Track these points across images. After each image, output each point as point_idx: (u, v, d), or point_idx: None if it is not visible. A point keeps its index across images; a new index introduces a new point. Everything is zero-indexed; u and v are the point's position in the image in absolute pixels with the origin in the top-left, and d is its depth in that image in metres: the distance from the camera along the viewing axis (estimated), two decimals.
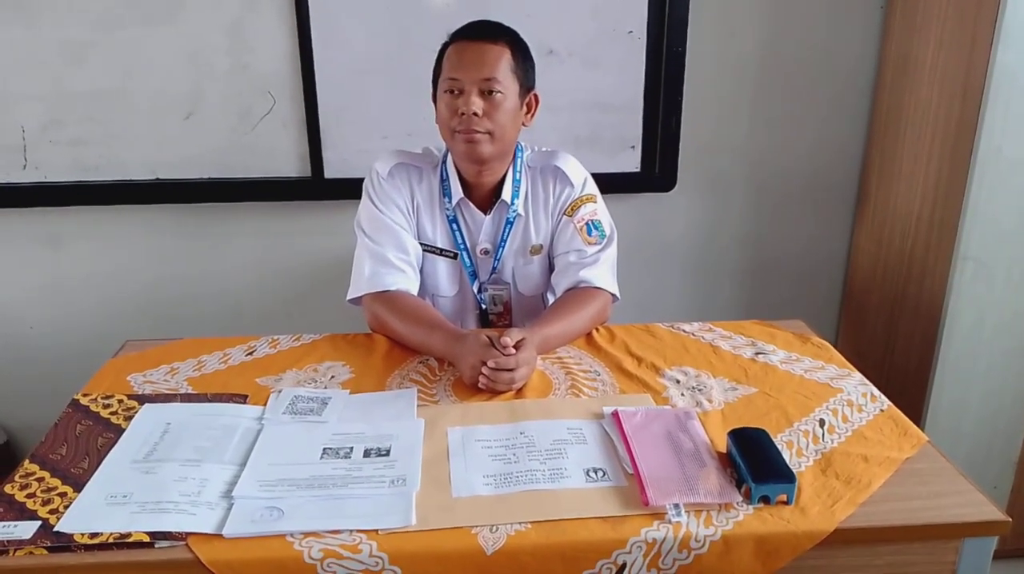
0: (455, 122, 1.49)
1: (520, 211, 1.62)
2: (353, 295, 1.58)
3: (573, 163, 1.65)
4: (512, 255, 1.65)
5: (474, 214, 1.62)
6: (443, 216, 1.62)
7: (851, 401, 1.30)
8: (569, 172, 1.63)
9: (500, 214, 1.62)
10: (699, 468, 1.09)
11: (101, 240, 2.26)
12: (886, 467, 1.13)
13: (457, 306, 1.70)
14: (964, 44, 1.84)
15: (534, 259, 1.66)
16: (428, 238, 1.63)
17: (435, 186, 1.62)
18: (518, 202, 1.61)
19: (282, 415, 1.25)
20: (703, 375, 1.38)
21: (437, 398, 1.33)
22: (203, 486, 1.07)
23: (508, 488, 1.07)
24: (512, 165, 1.60)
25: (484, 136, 1.49)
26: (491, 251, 1.64)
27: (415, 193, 1.61)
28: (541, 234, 1.65)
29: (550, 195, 1.63)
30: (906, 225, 2.09)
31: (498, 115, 1.48)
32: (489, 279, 1.67)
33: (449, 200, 1.60)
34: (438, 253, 1.64)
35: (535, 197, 1.64)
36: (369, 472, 1.10)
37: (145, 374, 1.39)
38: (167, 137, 2.13)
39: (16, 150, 2.12)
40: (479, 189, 1.61)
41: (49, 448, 1.16)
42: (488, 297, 1.68)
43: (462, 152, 1.52)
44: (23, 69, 2.06)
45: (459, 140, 1.50)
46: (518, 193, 1.61)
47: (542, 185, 1.63)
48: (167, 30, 2.05)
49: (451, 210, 1.61)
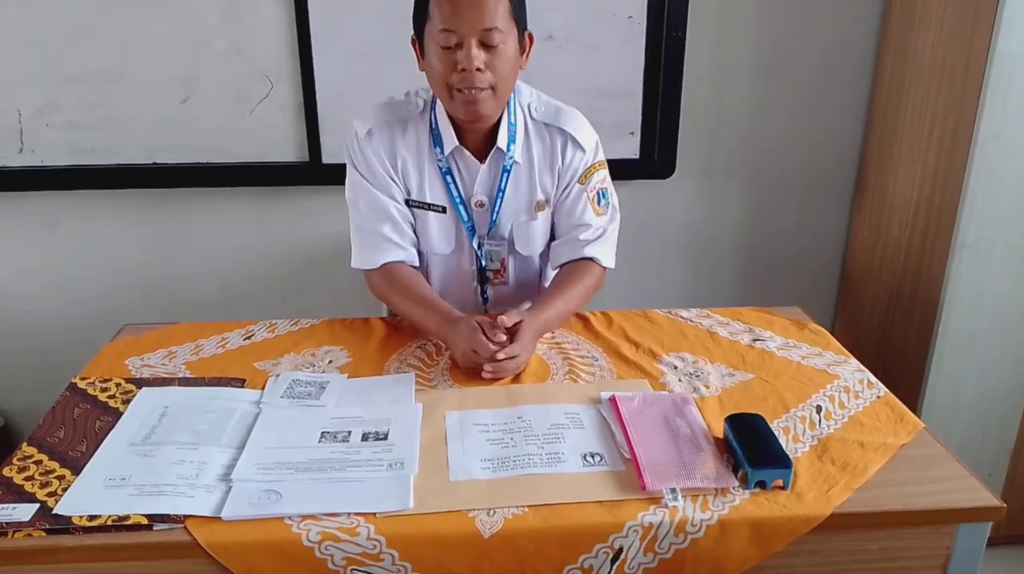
0: (455, 79, 1.37)
1: (518, 159, 1.52)
2: (354, 266, 1.57)
3: (584, 125, 1.56)
4: (513, 210, 1.55)
5: (469, 163, 1.51)
6: (435, 168, 1.51)
7: (848, 387, 1.31)
8: (581, 137, 1.53)
9: (497, 162, 1.51)
10: (696, 453, 1.10)
11: (98, 224, 2.26)
12: (882, 453, 1.13)
13: (453, 265, 1.60)
14: (964, 31, 1.83)
15: (538, 216, 1.56)
16: (417, 193, 1.53)
17: (423, 137, 1.51)
18: (515, 148, 1.50)
19: (280, 399, 1.26)
20: (700, 361, 1.38)
21: (435, 383, 1.33)
22: (201, 469, 1.07)
23: (506, 472, 1.08)
24: (507, 108, 1.48)
25: (487, 93, 1.38)
26: (487, 204, 1.54)
27: (398, 151, 1.50)
28: (546, 192, 1.56)
29: (557, 155, 1.53)
30: (904, 212, 2.09)
31: (500, 66, 1.37)
32: (488, 234, 1.57)
33: (441, 151, 1.50)
34: (426, 208, 1.54)
35: (542, 152, 1.53)
36: (367, 456, 1.11)
37: (143, 358, 1.39)
38: (164, 121, 2.12)
39: (12, 133, 2.11)
40: (474, 135, 1.49)
41: (47, 431, 1.17)
42: (485, 253, 1.58)
43: (462, 111, 1.41)
44: (19, 52, 2.04)
45: (459, 100, 1.39)
46: (514, 138, 1.50)
47: (550, 143, 1.53)
48: (164, 13, 2.03)
49: (444, 161, 1.50)
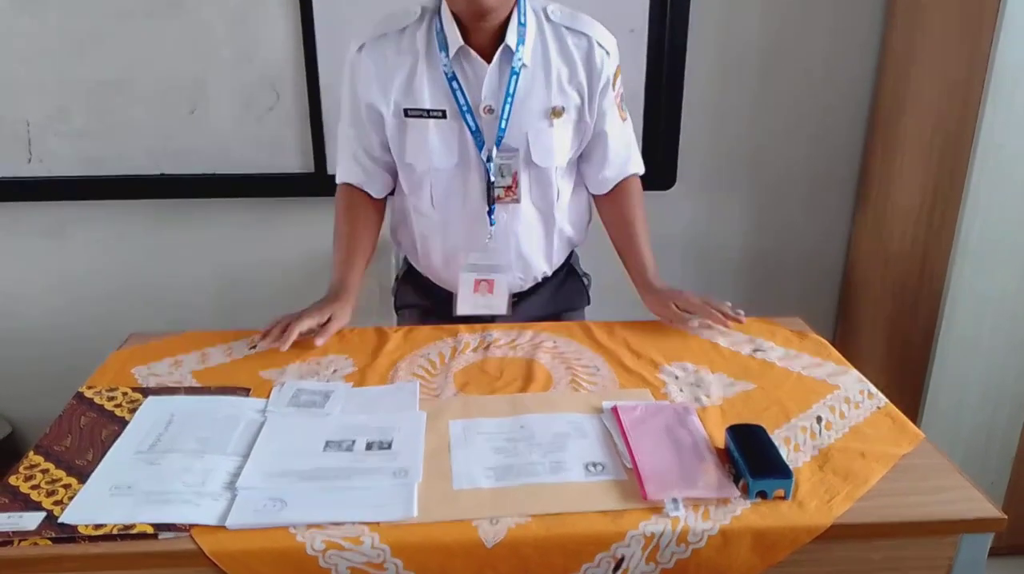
0: None
1: (526, 61, 1.44)
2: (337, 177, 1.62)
3: (601, 27, 1.51)
4: (525, 117, 1.47)
5: (476, 65, 1.44)
6: (439, 74, 1.44)
7: (848, 398, 1.31)
8: (604, 40, 1.49)
9: (506, 63, 1.44)
10: (697, 463, 1.11)
11: (105, 233, 2.28)
12: (883, 463, 1.14)
13: (458, 183, 1.52)
14: (965, 39, 1.84)
15: (555, 124, 1.49)
16: (417, 102, 1.46)
17: (423, 42, 1.45)
18: (523, 50, 1.43)
19: (285, 407, 1.26)
20: (702, 371, 1.39)
21: (439, 391, 1.33)
22: (207, 477, 1.08)
23: (509, 481, 1.08)
24: (516, 7, 1.42)
25: None
26: (495, 109, 1.46)
27: (392, 62, 1.45)
28: (564, 96, 1.48)
29: (579, 61, 1.47)
30: (906, 220, 2.10)
31: None
32: (498, 145, 1.48)
33: (446, 54, 1.42)
34: (425, 115, 1.46)
35: (561, 55, 1.47)
36: (371, 464, 1.11)
37: (149, 366, 1.40)
38: (171, 131, 2.15)
39: (20, 143, 2.14)
40: (481, 35, 1.42)
41: (54, 440, 1.17)
42: (495, 167, 1.49)
43: (463, 8, 1.36)
44: (28, 61, 2.07)
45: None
46: (524, 39, 1.43)
47: (571, 46, 1.47)
48: (171, 23, 2.06)
49: (448, 66, 1.43)
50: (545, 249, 1.64)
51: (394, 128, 1.49)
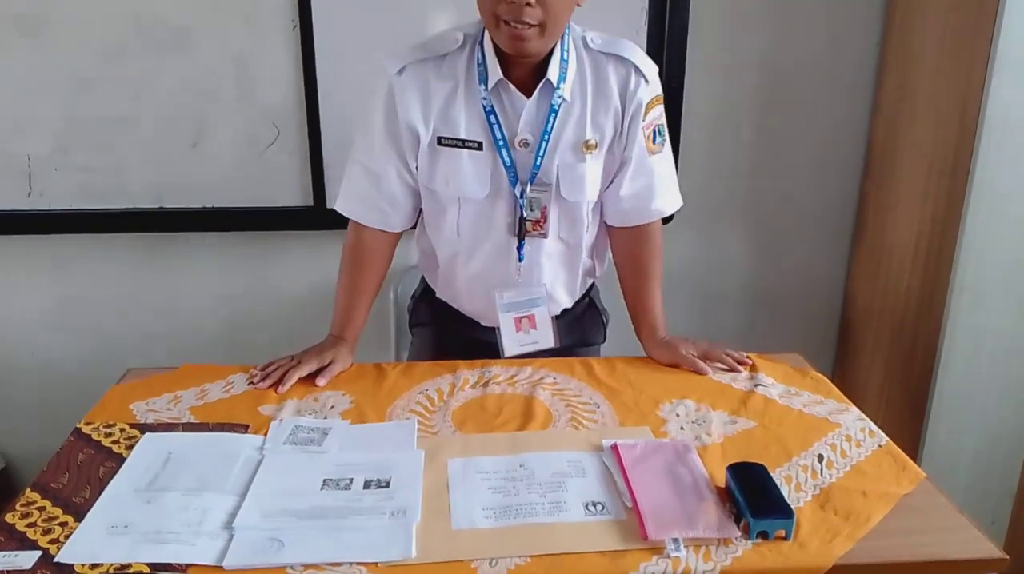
0: (502, 9, 1.27)
1: (567, 97, 1.42)
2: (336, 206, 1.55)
3: (641, 53, 1.46)
4: (558, 151, 1.44)
5: (515, 98, 1.41)
6: (477, 105, 1.41)
7: (849, 436, 1.31)
8: (644, 66, 1.44)
9: (545, 98, 1.41)
10: (698, 502, 1.10)
11: (104, 267, 2.28)
12: (885, 503, 1.13)
13: (487, 213, 1.49)
14: (959, 78, 1.87)
15: (586, 158, 1.45)
16: (453, 131, 1.43)
17: (463, 71, 1.41)
18: (564, 86, 1.41)
19: (283, 445, 1.26)
20: (703, 408, 1.39)
21: (437, 429, 1.33)
22: (204, 516, 1.07)
23: (508, 521, 1.08)
24: (559, 42, 1.39)
25: (534, 30, 1.29)
26: (532, 143, 1.43)
27: (432, 88, 1.42)
28: (598, 129, 1.45)
29: (614, 88, 1.44)
30: (902, 256, 2.11)
31: (554, 4, 1.28)
32: (532, 180, 1.45)
33: (486, 87, 1.40)
34: (460, 145, 1.43)
35: (596, 85, 1.43)
36: (369, 503, 1.11)
37: (148, 402, 1.40)
38: (173, 165, 2.16)
39: (21, 177, 2.14)
40: (521, 68, 1.39)
41: (51, 477, 1.17)
42: (527, 200, 1.46)
43: (506, 44, 1.33)
44: (30, 96, 2.08)
45: (504, 32, 1.30)
46: (565, 76, 1.41)
47: (604, 73, 1.43)
48: (174, 59, 2.07)
49: (487, 99, 1.40)
50: (568, 283, 1.61)
51: (426, 154, 1.46)
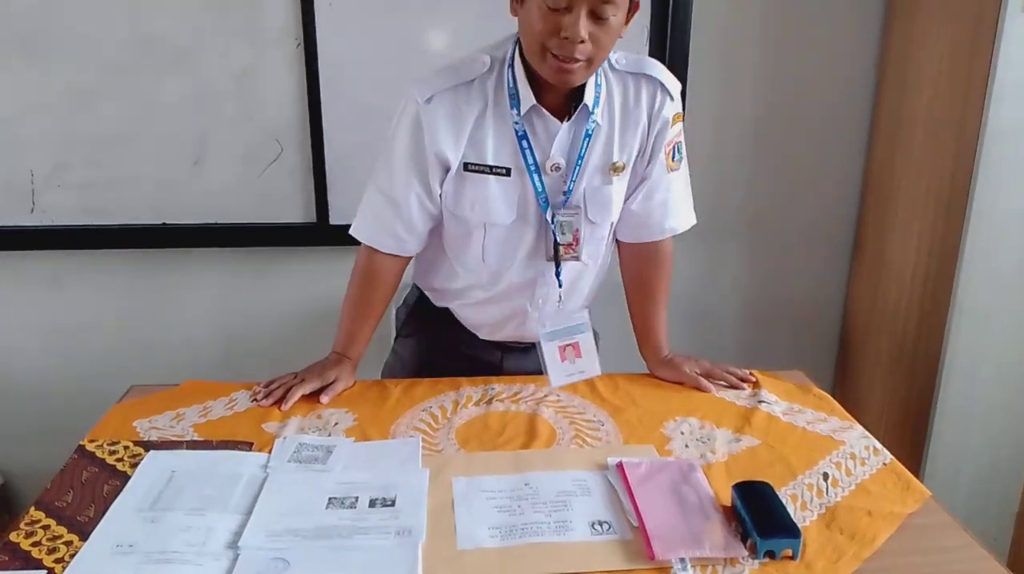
0: (553, 43, 1.25)
1: (600, 121, 1.40)
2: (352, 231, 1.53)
3: (666, 70, 1.44)
4: (588, 174, 1.42)
5: (548, 123, 1.38)
6: (508, 131, 1.38)
7: (854, 454, 1.31)
8: (669, 83, 1.43)
9: (580, 123, 1.39)
10: (704, 521, 1.10)
11: (105, 283, 2.28)
12: (890, 522, 1.13)
13: (513, 239, 1.46)
14: (958, 98, 1.88)
15: (613, 180, 1.44)
16: (480, 156, 1.40)
17: (490, 96, 1.38)
18: (598, 111, 1.39)
19: (287, 463, 1.25)
20: (707, 426, 1.39)
21: (441, 447, 1.33)
22: (208, 536, 1.07)
23: (513, 540, 1.07)
24: None
25: (582, 65, 1.27)
26: (563, 167, 1.41)
27: (463, 119, 1.38)
28: (625, 151, 1.43)
29: (641, 107, 1.42)
30: (902, 277, 2.12)
31: (605, 40, 1.26)
32: (563, 203, 1.43)
33: (518, 112, 1.37)
34: (488, 171, 1.40)
35: (623, 105, 1.42)
36: (374, 522, 1.10)
37: (151, 420, 1.39)
38: (175, 182, 2.17)
39: (24, 194, 2.15)
40: (555, 93, 1.37)
41: (55, 495, 1.16)
42: (558, 224, 1.43)
43: (550, 76, 1.30)
44: (33, 113, 2.10)
45: (551, 64, 1.27)
46: (599, 99, 1.39)
47: (633, 91, 1.42)
48: (176, 76, 2.09)
49: (520, 124, 1.37)
50: (583, 301, 1.60)
51: (452, 180, 1.43)
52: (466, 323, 1.65)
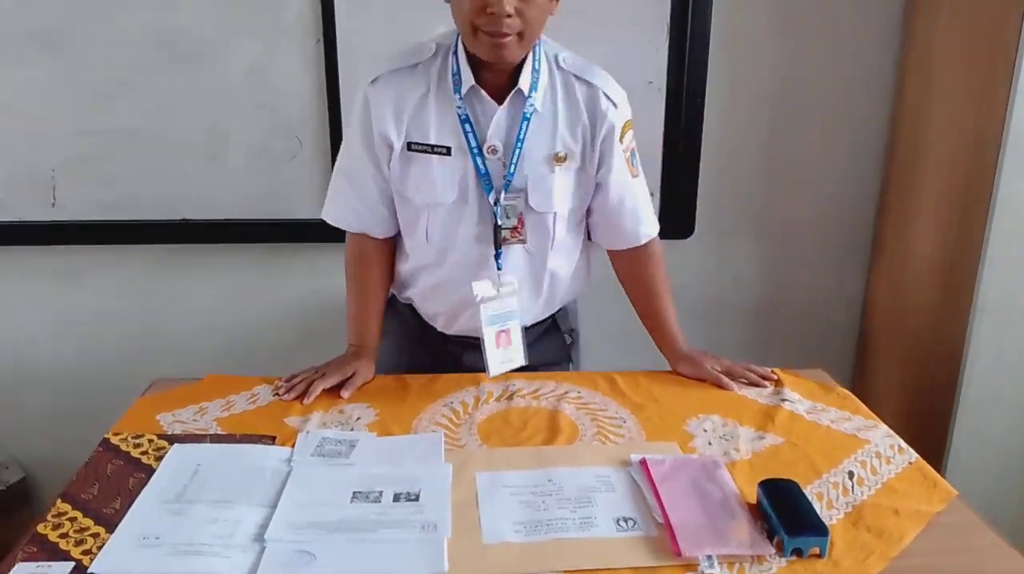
0: (481, 20, 1.30)
1: (538, 107, 1.44)
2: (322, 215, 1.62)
3: (611, 80, 1.50)
4: (528, 162, 1.46)
5: (487, 105, 1.44)
6: (451, 114, 1.44)
7: (879, 453, 1.30)
8: (612, 92, 1.48)
9: (516, 107, 1.44)
10: (729, 519, 1.09)
11: (123, 278, 2.29)
12: (917, 521, 1.12)
13: (455, 220, 1.50)
14: (980, 94, 1.86)
15: (555, 170, 1.48)
16: (423, 136, 1.45)
17: (434, 79, 1.45)
18: (536, 96, 1.44)
19: (310, 457, 1.26)
20: (730, 423, 1.38)
21: (463, 442, 1.33)
22: (234, 528, 1.07)
23: (538, 536, 1.07)
24: (531, 52, 1.42)
25: (513, 39, 1.32)
26: (499, 150, 1.45)
27: (404, 100, 1.45)
28: (567, 144, 1.48)
29: (582, 107, 1.47)
30: (922, 275, 2.10)
31: (532, 12, 1.30)
32: (507, 188, 1.47)
33: (460, 96, 1.42)
34: (429, 151, 1.46)
35: (567, 104, 1.47)
36: (399, 517, 1.10)
37: (174, 413, 1.40)
38: (192, 177, 2.17)
39: (45, 188, 2.16)
40: (494, 76, 1.42)
41: (81, 487, 1.17)
42: (502, 208, 1.48)
43: (484, 53, 1.35)
44: (53, 109, 2.10)
45: (483, 41, 1.33)
46: (536, 86, 1.44)
47: (577, 96, 1.47)
48: (194, 71, 2.09)
49: (462, 107, 1.43)
50: (533, 295, 1.60)
51: (398, 160, 1.49)
52: (424, 314, 1.67)
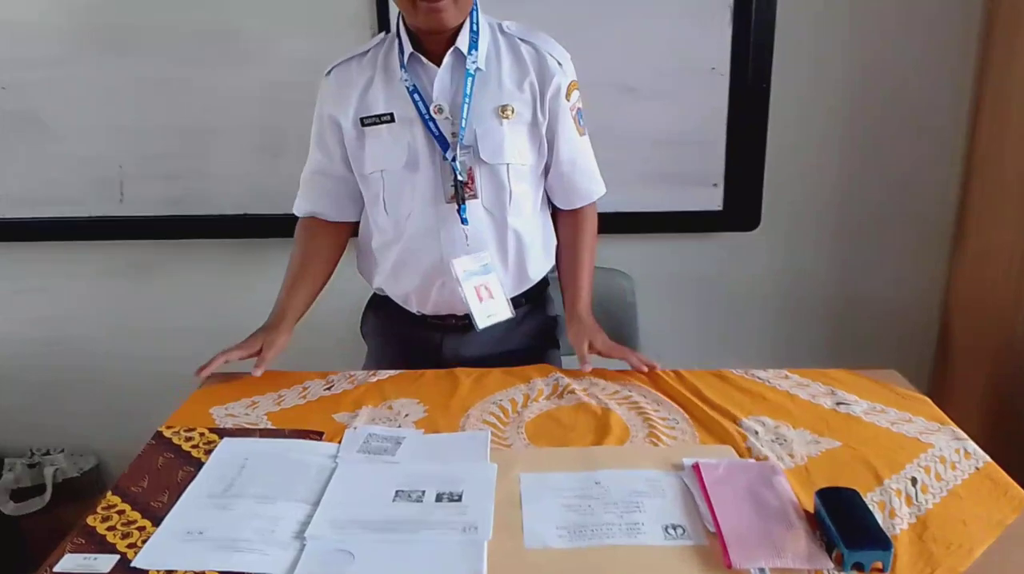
0: None
1: (481, 65, 1.50)
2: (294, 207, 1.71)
3: (555, 43, 1.56)
4: (475, 115, 1.51)
5: (428, 70, 1.50)
6: (397, 85, 1.51)
7: (944, 457, 1.22)
8: (556, 52, 1.54)
9: (458, 67, 1.50)
10: (786, 529, 1.04)
11: (190, 271, 2.34)
12: (988, 531, 1.05)
13: (407, 185, 1.54)
14: None
15: (503, 123, 1.52)
16: (371, 109, 1.53)
17: (380, 59, 1.54)
18: (477, 55, 1.49)
19: (356, 454, 1.25)
20: (783, 426, 1.32)
21: (510, 441, 1.30)
22: (276, 524, 1.08)
23: (582, 542, 1.04)
24: (469, 19, 1.48)
25: (448, 2, 1.39)
26: (445, 109, 1.50)
27: (352, 83, 1.55)
28: (514, 97, 1.52)
29: (528, 65, 1.52)
30: (1008, 269, 1.98)
31: None
32: (459, 144, 1.51)
33: (405, 71, 1.49)
34: (377, 121, 1.53)
35: (513, 64, 1.53)
36: (441, 518, 1.09)
37: (226, 407, 1.42)
38: (255, 174, 2.20)
39: (113, 184, 2.22)
40: (433, 42, 1.49)
41: (131, 480, 1.19)
42: (460, 164, 1.51)
43: (424, 21, 1.41)
44: (122, 106, 2.16)
45: (421, 10, 1.39)
46: (476, 45, 1.49)
47: (524, 56, 1.53)
48: (255, 70, 2.12)
49: (407, 78, 1.49)
50: (500, 254, 1.59)
51: (353, 140, 1.57)
52: (397, 298, 1.68)
